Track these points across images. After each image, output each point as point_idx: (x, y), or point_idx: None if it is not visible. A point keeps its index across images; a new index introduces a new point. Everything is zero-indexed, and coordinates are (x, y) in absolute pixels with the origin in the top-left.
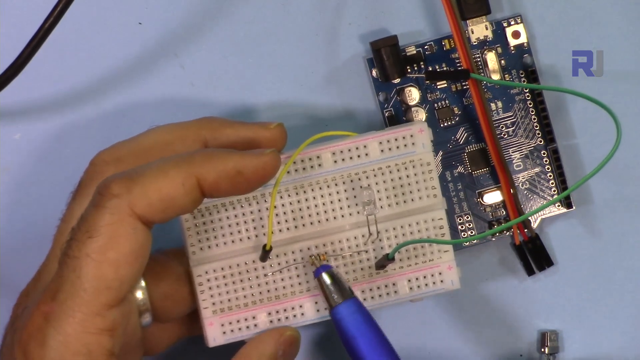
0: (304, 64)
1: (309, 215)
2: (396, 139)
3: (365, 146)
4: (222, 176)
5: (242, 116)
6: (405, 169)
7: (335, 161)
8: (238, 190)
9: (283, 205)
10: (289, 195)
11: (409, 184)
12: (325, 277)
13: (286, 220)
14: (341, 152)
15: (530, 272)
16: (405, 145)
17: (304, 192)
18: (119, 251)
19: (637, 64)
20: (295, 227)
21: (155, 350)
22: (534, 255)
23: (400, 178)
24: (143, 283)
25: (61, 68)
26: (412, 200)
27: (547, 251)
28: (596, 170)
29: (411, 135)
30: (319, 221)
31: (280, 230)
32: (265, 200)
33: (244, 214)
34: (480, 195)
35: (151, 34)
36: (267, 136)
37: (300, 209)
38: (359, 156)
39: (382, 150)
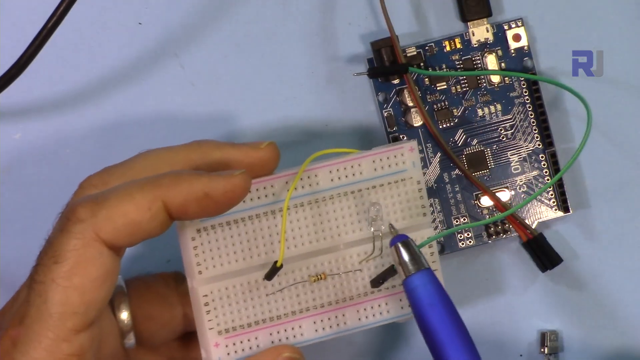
0: (304, 64)
1: (308, 234)
2: (388, 158)
3: (359, 164)
4: (189, 199)
5: (241, 116)
6: (397, 187)
7: (332, 179)
8: (207, 213)
9: (277, 224)
10: (289, 214)
11: (401, 202)
12: (401, 247)
13: (286, 239)
14: (337, 170)
15: (543, 268)
16: (396, 164)
17: (303, 210)
18: (85, 276)
19: (637, 64)
20: (295, 246)
21: None
22: (542, 253)
23: (392, 197)
24: (127, 303)
25: (61, 68)
26: (404, 218)
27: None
28: (574, 157)
29: (402, 154)
30: (317, 240)
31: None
32: (267, 219)
33: (246, 232)
34: (477, 198)
35: (151, 34)
36: (257, 157)
37: (299, 228)
38: (353, 174)
39: (375, 169)
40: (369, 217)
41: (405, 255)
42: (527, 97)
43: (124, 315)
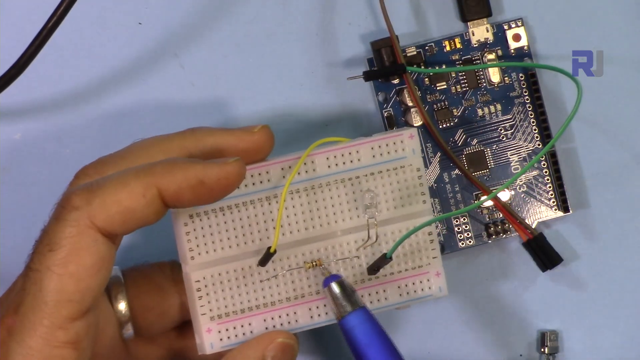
0: (304, 64)
1: (304, 221)
2: (387, 145)
3: (357, 151)
4: (183, 186)
5: (241, 116)
6: (396, 174)
7: (329, 166)
8: (202, 200)
9: (272, 210)
10: (284, 200)
11: (399, 190)
12: (335, 287)
13: (281, 226)
14: (335, 157)
15: (544, 268)
16: (395, 151)
17: (299, 197)
18: (80, 264)
19: (637, 64)
20: (291, 232)
21: None
22: (542, 253)
23: (390, 184)
24: (124, 294)
25: (61, 68)
26: (402, 206)
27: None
28: (562, 129)
29: (402, 141)
30: (313, 227)
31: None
32: (262, 205)
33: (240, 218)
34: (477, 198)
35: (151, 34)
36: (252, 140)
37: (295, 214)
38: (351, 161)
39: (373, 156)
40: (364, 204)
41: (340, 295)
42: (527, 97)
43: (122, 305)
